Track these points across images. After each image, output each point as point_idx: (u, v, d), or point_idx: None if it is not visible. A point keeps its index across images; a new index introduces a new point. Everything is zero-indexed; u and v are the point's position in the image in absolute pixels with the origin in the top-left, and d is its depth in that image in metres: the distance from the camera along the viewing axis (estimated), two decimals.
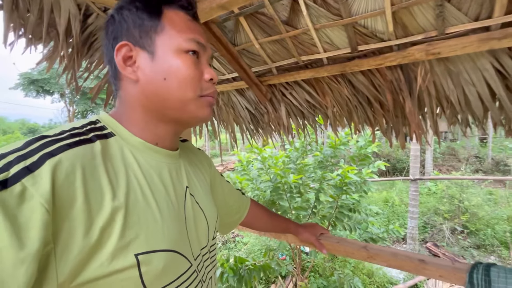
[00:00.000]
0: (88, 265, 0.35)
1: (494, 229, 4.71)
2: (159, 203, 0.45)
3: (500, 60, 1.15)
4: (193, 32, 0.49)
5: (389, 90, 1.46)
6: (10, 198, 0.30)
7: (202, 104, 0.50)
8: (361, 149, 3.04)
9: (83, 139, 0.40)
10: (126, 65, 0.48)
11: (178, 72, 0.46)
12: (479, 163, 10.65)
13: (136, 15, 0.47)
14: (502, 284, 0.62)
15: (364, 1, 1.13)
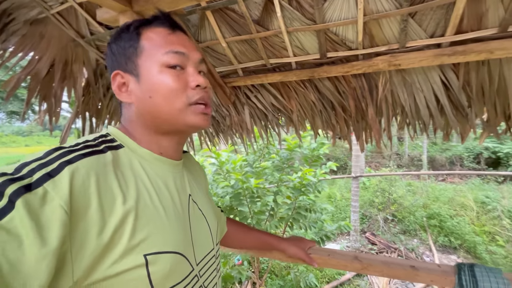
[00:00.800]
0: (101, 263, 0.37)
1: (415, 215, 5.57)
2: (165, 209, 0.48)
3: (446, 74, 1.31)
4: (171, 44, 0.51)
5: (352, 97, 1.53)
6: (34, 200, 0.33)
7: (192, 112, 0.51)
8: (314, 150, 3.18)
9: (96, 150, 0.44)
10: (122, 91, 0.52)
11: (160, 88, 0.49)
12: (399, 159, 12.42)
13: (119, 45, 0.53)
14: (486, 282, 0.67)
15: (338, 9, 1.14)
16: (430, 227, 5.21)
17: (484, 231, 4.92)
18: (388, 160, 11.67)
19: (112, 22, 1.19)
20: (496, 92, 1.29)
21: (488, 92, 1.30)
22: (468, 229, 4.90)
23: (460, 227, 4.93)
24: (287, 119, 1.88)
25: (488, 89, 1.29)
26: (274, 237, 0.89)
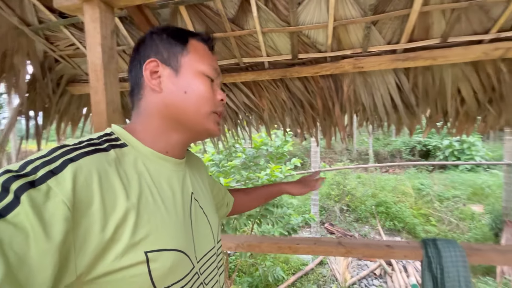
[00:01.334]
0: (103, 259, 0.38)
1: (365, 204, 6.16)
2: (167, 207, 0.49)
3: (399, 77, 1.49)
4: (212, 62, 0.58)
5: (320, 96, 1.64)
6: (38, 196, 0.34)
7: (213, 120, 0.57)
8: (278, 148, 3.29)
9: (99, 148, 0.45)
10: (152, 78, 0.54)
11: (197, 89, 0.54)
12: (349, 154, 13.51)
13: (166, 39, 0.56)
14: (447, 252, 0.80)
15: (311, 13, 1.21)
16: (379, 213, 5.82)
17: (420, 213, 5.70)
18: (340, 156, 12.62)
19: (73, 11, 1.07)
20: (437, 93, 1.52)
21: (432, 93, 1.52)
22: (408, 213, 5.61)
23: (402, 211, 5.62)
24: (257, 118, 1.92)
25: (431, 90, 1.51)
26: (276, 186, 0.95)
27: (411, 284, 3.54)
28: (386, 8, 1.17)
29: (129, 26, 1.37)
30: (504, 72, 1.34)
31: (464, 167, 8.51)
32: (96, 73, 1.00)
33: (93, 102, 1.01)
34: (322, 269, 4.19)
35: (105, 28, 1.00)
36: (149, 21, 1.20)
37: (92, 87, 1.01)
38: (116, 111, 1.05)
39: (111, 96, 1.03)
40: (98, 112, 1.01)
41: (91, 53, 0.99)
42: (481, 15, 1.17)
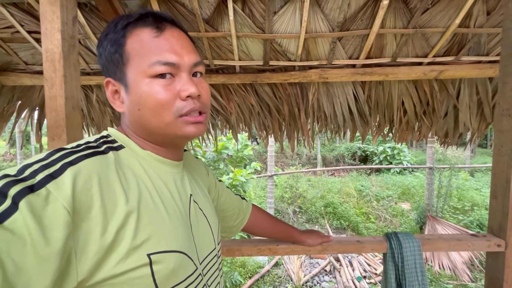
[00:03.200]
0: (105, 263, 0.37)
1: (315, 206, 6.57)
2: (167, 208, 0.47)
3: (356, 89, 1.66)
4: (158, 52, 0.46)
5: (287, 102, 1.72)
6: (37, 201, 0.33)
7: (182, 124, 0.48)
8: (239, 152, 3.31)
9: (97, 151, 0.43)
10: (115, 99, 0.50)
11: (147, 100, 0.46)
12: (299, 159, 14.24)
13: (107, 50, 0.48)
14: (407, 243, 0.92)
15: (285, 23, 1.27)
16: (327, 214, 6.27)
17: (362, 212, 6.33)
18: (291, 160, 13.22)
19: None
20: (386, 105, 1.74)
21: (381, 105, 1.73)
22: (352, 212, 6.18)
23: (347, 211, 6.17)
24: (223, 121, 1.90)
25: (381, 102, 1.72)
26: (296, 230, 0.94)
27: (356, 277, 3.90)
28: (351, 27, 1.30)
29: (89, 14, 1.24)
30: (436, 90, 1.61)
31: (395, 170, 9.78)
32: (54, 63, 0.88)
33: (48, 96, 0.88)
34: (277, 270, 4.30)
35: (65, 13, 0.89)
36: (116, 11, 1.10)
37: (48, 79, 0.88)
38: (76, 108, 0.94)
39: (71, 90, 0.92)
40: (53, 108, 0.89)
41: (48, 40, 0.87)
42: (423, 42, 1.39)
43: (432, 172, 5.06)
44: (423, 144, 14.90)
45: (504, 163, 0.90)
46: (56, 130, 0.90)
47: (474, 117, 1.73)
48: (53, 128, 0.90)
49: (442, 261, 4.15)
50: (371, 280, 3.92)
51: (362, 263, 4.30)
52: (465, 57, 1.45)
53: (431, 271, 3.99)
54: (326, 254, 1.01)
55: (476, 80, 1.62)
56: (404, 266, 0.88)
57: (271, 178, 5.26)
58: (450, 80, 1.61)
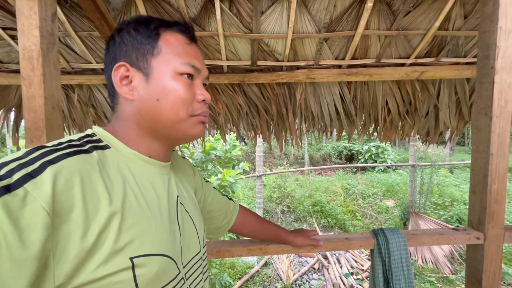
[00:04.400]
0: (84, 268, 0.36)
1: (303, 205, 6.65)
2: (152, 210, 0.46)
3: (342, 89, 1.69)
4: (189, 56, 0.51)
5: (275, 102, 1.72)
6: (13, 202, 0.31)
7: (193, 123, 0.52)
8: (227, 152, 3.29)
9: (80, 150, 0.42)
10: (122, 84, 0.50)
11: (171, 94, 0.48)
12: (287, 159, 14.34)
13: (134, 37, 0.50)
14: (393, 238, 0.94)
15: (272, 23, 1.28)
16: (315, 212, 6.35)
17: (348, 210, 6.46)
18: (279, 160, 13.29)
19: None
20: (371, 105, 1.78)
21: (367, 104, 1.77)
22: (339, 210, 6.30)
23: (334, 209, 6.27)
24: (212, 121, 1.89)
25: (366, 102, 1.76)
26: (283, 230, 0.93)
27: (344, 274, 3.97)
28: (336, 28, 1.32)
29: (69, 11, 1.19)
30: (418, 90, 1.67)
31: (379, 168, 10.05)
32: (32, 61, 0.84)
33: (26, 96, 0.84)
34: (267, 270, 4.31)
35: (44, 9, 0.86)
36: (98, 9, 1.07)
37: (25, 77, 0.84)
38: (56, 108, 0.90)
39: (50, 90, 0.88)
40: (32, 108, 0.85)
41: (25, 36, 0.83)
42: (405, 43, 1.44)
43: (414, 169, 5.24)
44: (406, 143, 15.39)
45: (481, 160, 0.94)
46: (35, 131, 0.86)
47: (453, 116, 1.80)
48: (32, 130, 0.85)
49: (425, 255, 4.30)
50: (358, 276, 4.01)
51: (350, 260, 4.39)
52: (444, 58, 1.51)
53: (415, 265, 4.13)
54: (315, 252, 1.03)
55: (454, 80, 1.69)
56: (390, 261, 0.90)
57: (260, 178, 5.26)
58: (430, 80, 1.67)
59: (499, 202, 0.92)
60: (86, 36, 1.31)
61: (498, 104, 0.90)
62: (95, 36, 1.31)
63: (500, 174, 0.91)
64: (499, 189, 0.92)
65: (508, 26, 0.88)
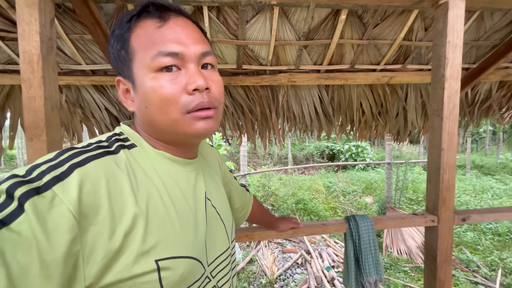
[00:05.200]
0: (112, 268, 0.36)
1: (287, 203, 6.83)
2: (178, 211, 0.45)
3: (321, 92, 1.84)
4: (161, 43, 0.43)
5: (259, 103, 1.84)
6: (42, 204, 0.32)
7: (191, 121, 0.44)
8: None
9: (108, 151, 0.42)
10: (127, 98, 0.48)
11: (152, 97, 0.43)
12: (271, 158, 14.52)
13: (114, 48, 0.46)
14: (362, 224, 1.08)
15: (256, 31, 1.39)
16: (298, 210, 6.55)
17: (330, 207, 6.72)
18: (263, 160, 13.45)
19: None
20: (347, 106, 1.94)
21: (343, 106, 1.93)
22: (321, 208, 6.54)
23: (316, 207, 6.50)
24: None
25: (343, 103, 1.92)
26: (274, 217, 1.01)
27: (326, 267, 4.16)
28: (314, 36, 1.46)
29: (62, 15, 1.24)
30: (388, 93, 1.85)
31: (359, 167, 10.48)
32: (32, 64, 0.90)
33: (26, 97, 0.90)
34: (252, 266, 4.42)
35: (43, 15, 0.92)
36: (92, 14, 1.13)
37: (25, 79, 0.90)
38: (55, 108, 0.96)
39: (49, 91, 0.94)
40: (32, 108, 0.91)
41: (25, 41, 0.89)
42: (376, 51, 1.60)
43: (390, 167, 5.56)
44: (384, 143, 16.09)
45: (435, 154, 1.11)
46: (35, 130, 0.91)
47: (419, 117, 2.00)
48: (32, 129, 0.91)
49: (400, 247, 4.59)
50: (339, 269, 4.21)
51: (331, 254, 4.59)
52: (410, 65, 1.70)
53: (391, 257, 4.40)
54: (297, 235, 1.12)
55: (420, 85, 1.88)
56: (360, 242, 1.04)
57: (244, 178, 5.37)
58: (399, 85, 1.85)
59: (449, 190, 1.09)
60: (77, 39, 1.36)
61: (447, 107, 1.06)
62: (86, 39, 1.36)
63: (450, 166, 1.08)
64: (450, 179, 1.09)
65: (455, 41, 1.04)
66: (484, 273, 3.60)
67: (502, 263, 3.79)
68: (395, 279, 3.73)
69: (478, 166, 10.70)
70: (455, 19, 1.03)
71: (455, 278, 3.50)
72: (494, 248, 4.30)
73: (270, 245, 5.00)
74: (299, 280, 4.04)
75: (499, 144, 13.56)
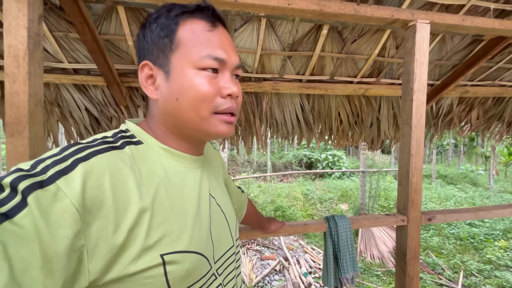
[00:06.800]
0: (117, 263, 0.36)
1: (266, 210, 6.87)
2: (183, 207, 0.46)
3: (303, 100, 1.93)
4: (210, 46, 0.45)
5: (243, 109, 1.89)
6: (45, 198, 0.32)
7: (216, 121, 0.47)
8: None
9: (112, 146, 0.42)
10: (148, 84, 0.48)
11: (189, 91, 0.45)
12: (250, 166, 14.55)
13: (154, 33, 0.47)
14: (341, 223, 1.15)
15: (244, 40, 1.45)
16: (277, 217, 6.61)
17: (307, 214, 6.86)
18: (242, 167, 13.46)
19: None
20: (326, 115, 2.05)
21: (323, 115, 2.04)
22: (299, 215, 6.65)
23: (295, 213, 6.61)
24: None
25: (323, 112, 2.03)
26: (265, 219, 1.04)
27: (303, 273, 4.23)
28: (298, 48, 1.55)
29: (47, 12, 1.22)
30: (364, 104, 1.99)
31: (335, 175, 10.85)
32: (17, 59, 0.89)
33: (9, 92, 0.88)
34: None
35: (32, 11, 0.91)
36: (81, 13, 1.12)
37: (9, 74, 0.88)
38: (38, 105, 0.95)
39: (34, 87, 0.93)
40: (14, 104, 0.89)
41: (11, 36, 0.88)
42: (353, 65, 1.73)
43: (364, 175, 5.83)
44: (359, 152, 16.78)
45: (405, 159, 1.22)
46: (17, 126, 0.89)
47: (391, 127, 2.17)
48: (13, 125, 0.89)
49: (373, 252, 4.79)
50: (316, 275, 4.30)
51: (308, 260, 4.68)
52: (383, 79, 1.85)
53: (364, 262, 4.58)
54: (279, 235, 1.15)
55: (391, 98, 2.05)
56: (339, 241, 1.11)
57: None
58: (373, 96, 2.00)
59: (417, 192, 1.20)
60: (62, 37, 1.33)
61: (415, 117, 1.18)
62: (72, 38, 1.34)
63: (417, 170, 1.19)
64: (417, 181, 1.20)
65: (421, 59, 1.17)
66: (448, 275, 3.87)
67: (464, 266, 4.10)
68: (369, 283, 3.88)
69: (443, 175, 11.52)
70: (422, 40, 1.17)
71: (422, 281, 3.71)
72: (457, 251, 4.63)
73: (249, 252, 4.99)
74: (277, 286, 4.05)
75: (460, 156, 14.74)
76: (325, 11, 1.03)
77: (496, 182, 10.24)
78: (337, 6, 1.04)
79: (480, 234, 5.10)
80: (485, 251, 4.53)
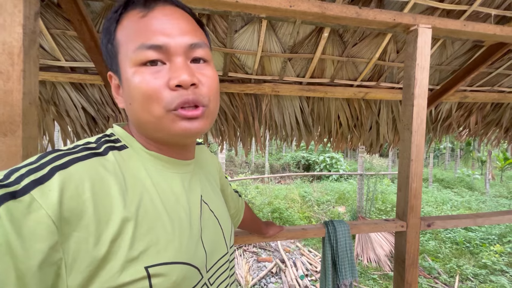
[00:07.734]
0: (98, 277, 0.34)
1: (263, 212, 6.85)
2: (170, 215, 0.42)
3: (302, 103, 1.92)
4: (143, 34, 0.39)
5: (242, 111, 1.87)
6: (18, 209, 0.30)
7: (174, 119, 0.41)
8: None
9: (95, 152, 0.40)
10: (118, 94, 0.46)
11: (135, 93, 0.40)
12: (248, 167, 14.54)
13: (103, 41, 0.44)
14: (340, 228, 1.13)
15: (244, 41, 1.44)
16: (274, 219, 6.59)
17: (305, 216, 6.85)
18: (240, 168, 13.43)
19: None
20: (325, 118, 2.04)
21: (322, 117, 2.03)
22: (296, 217, 6.64)
23: (292, 215, 6.60)
24: None
25: (322, 115, 2.02)
26: (263, 224, 1.01)
27: (300, 276, 4.21)
28: (299, 50, 1.54)
29: (44, 8, 1.19)
30: (363, 108, 1.98)
31: (333, 177, 10.85)
32: (12, 56, 0.86)
33: (2, 90, 0.87)
34: None
35: (28, 7, 0.89)
36: (80, 11, 1.10)
37: (3, 72, 0.86)
38: (33, 104, 0.93)
39: (29, 86, 0.91)
40: (8, 102, 0.87)
41: (6, 32, 0.86)
42: (353, 68, 1.73)
43: (362, 178, 5.84)
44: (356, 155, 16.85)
45: (405, 164, 1.21)
46: (10, 125, 0.86)
47: (390, 131, 2.16)
48: (6, 124, 0.86)
49: (370, 256, 4.79)
50: (312, 278, 4.28)
51: (305, 263, 4.66)
52: (383, 83, 1.84)
53: (361, 265, 4.57)
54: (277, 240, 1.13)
55: (391, 102, 2.04)
56: (337, 246, 1.09)
57: None
58: (373, 100, 2.00)
59: (417, 198, 1.19)
60: (59, 34, 1.31)
61: (416, 122, 1.17)
62: (69, 36, 1.32)
63: (417, 175, 1.18)
64: (417, 187, 1.19)
65: (423, 64, 1.17)
66: (444, 279, 3.87)
67: (459, 270, 4.10)
68: (365, 286, 3.87)
69: (439, 179, 11.58)
70: (423, 44, 1.16)
71: (418, 285, 3.71)
72: (453, 256, 4.64)
73: (245, 254, 4.96)
74: None
75: (456, 160, 14.82)
76: (326, 13, 1.02)
77: (492, 186, 10.30)
78: (339, 9, 1.03)
79: (476, 238, 5.12)
80: (480, 255, 4.55)
